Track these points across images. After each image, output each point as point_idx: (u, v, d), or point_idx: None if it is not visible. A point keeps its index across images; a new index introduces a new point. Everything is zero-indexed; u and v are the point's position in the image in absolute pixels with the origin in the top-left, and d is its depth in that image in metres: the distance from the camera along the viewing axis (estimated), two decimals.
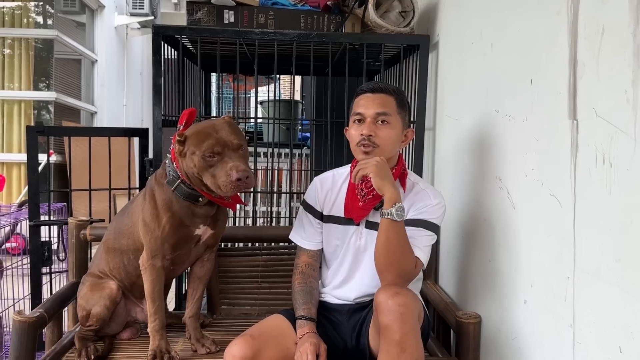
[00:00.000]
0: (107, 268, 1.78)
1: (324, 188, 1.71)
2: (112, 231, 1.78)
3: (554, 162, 1.33)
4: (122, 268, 1.75)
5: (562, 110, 1.29)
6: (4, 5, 5.68)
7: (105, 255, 1.78)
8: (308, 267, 1.71)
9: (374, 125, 1.54)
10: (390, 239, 1.45)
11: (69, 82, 6.34)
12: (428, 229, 1.56)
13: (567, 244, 1.27)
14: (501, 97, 1.64)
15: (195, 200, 1.61)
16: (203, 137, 1.50)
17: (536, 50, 1.42)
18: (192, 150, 1.51)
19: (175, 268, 1.75)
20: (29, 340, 1.59)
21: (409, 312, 1.33)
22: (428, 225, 1.56)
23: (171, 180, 1.61)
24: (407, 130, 1.62)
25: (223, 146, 1.50)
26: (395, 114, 1.57)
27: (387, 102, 1.57)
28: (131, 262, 1.72)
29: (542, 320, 1.38)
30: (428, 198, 1.58)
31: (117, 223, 1.77)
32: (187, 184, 1.59)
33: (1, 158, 5.61)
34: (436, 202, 1.58)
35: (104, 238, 1.82)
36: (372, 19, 2.27)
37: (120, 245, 1.74)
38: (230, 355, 1.45)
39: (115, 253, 1.75)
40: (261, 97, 6.69)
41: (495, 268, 1.66)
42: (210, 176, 1.50)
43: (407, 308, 1.33)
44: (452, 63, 2.12)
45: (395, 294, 1.35)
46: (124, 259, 1.74)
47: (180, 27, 2.25)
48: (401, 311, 1.32)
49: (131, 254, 1.71)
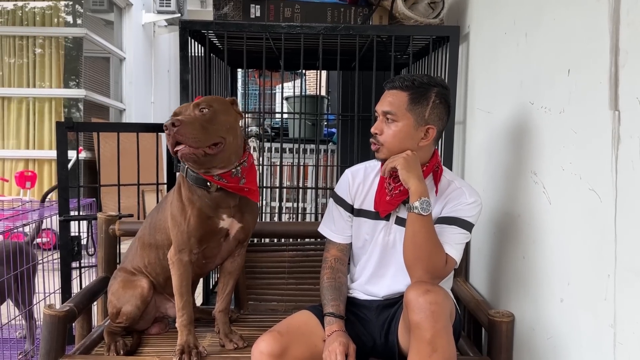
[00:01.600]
0: (142, 264, 1.78)
1: (356, 181, 1.68)
2: (147, 227, 1.78)
3: (593, 155, 1.27)
4: (158, 263, 1.75)
5: (602, 101, 1.23)
6: (35, 6, 5.80)
7: (140, 250, 1.79)
8: (337, 262, 1.68)
9: (383, 123, 1.52)
10: (416, 232, 1.43)
11: (98, 79, 6.45)
12: (462, 227, 1.52)
13: (607, 240, 1.21)
14: (536, 88, 1.58)
15: (204, 185, 1.60)
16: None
17: (574, 38, 1.37)
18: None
19: (207, 262, 1.74)
20: (59, 334, 1.60)
21: (440, 310, 1.30)
22: (462, 223, 1.52)
23: (182, 166, 1.62)
24: (426, 127, 1.51)
25: (187, 108, 1.54)
26: (405, 111, 1.50)
27: (397, 99, 1.51)
28: (167, 257, 1.72)
29: (580, 320, 1.33)
30: (464, 196, 1.54)
31: (152, 219, 1.78)
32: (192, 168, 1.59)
33: (33, 155, 5.74)
34: (472, 200, 1.54)
35: (138, 233, 1.83)
36: (401, 11, 2.23)
37: (155, 240, 1.74)
38: (258, 352, 1.44)
39: (150, 248, 1.76)
40: (286, 92, 6.69)
41: (530, 265, 1.61)
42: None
43: (438, 306, 1.29)
44: (484, 54, 2.06)
45: (426, 291, 1.31)
46: (159, 254, 1.74)
47: (207, 22, 2.25)
48: (432, 309, 1.28)
49: (166, 248, 1.71)
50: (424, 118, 1.51)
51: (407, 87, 1.51)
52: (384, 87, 1.58)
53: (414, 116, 1.50)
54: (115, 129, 2.59)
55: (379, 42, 2.30)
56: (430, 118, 1.51)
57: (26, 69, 5.77)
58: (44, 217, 2.68)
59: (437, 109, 1.52)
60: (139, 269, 1.79)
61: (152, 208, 1.86)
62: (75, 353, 1.67)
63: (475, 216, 1.55)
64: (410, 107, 1.50)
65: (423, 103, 1.50)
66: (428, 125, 1.51)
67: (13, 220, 2.58)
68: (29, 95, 5.75)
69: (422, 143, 1.52)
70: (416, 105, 1.50)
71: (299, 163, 2.81)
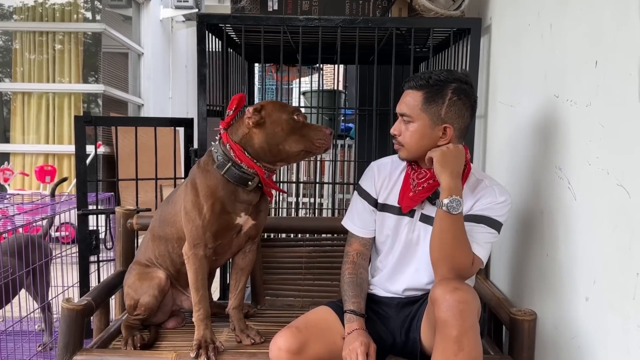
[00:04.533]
0: (153, 256, 1.79)
1: (382, 175, 1.64)
2: (158, 219, 1.79)
3: (621, 150, 1.23)
4: (167, 256, 1.76)
5: (632, 94, 1.18)
6: (54, 2, 5.86)
7: (151, 243, 1.79)
8: (359, 257, 1.64)
9: (401, 124, 1.52)
10: (444, 230, 1.40)
11: (116, 75, 6.50)
12: (490, 226, 1.48)
13: (636, 237, 1.17)
14: (562, 80, 1.53)
15: (244, 183, 1.60)
16: (281, 104, 1.62)
17: (602, 29, 1.32)
18: (276, 116, 1.57)
19: (217, 258, 1.74)
20: (77, 327, 1.60)
21: (468, 309, 1.27)
22: (491, 223, 1.48)
23: (221, 164, 1.59)
24: (443, 125, 1.47)
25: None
26: (419, 112, 1.48)
27: (413, 99, 1.49)
28: (175, 250, 1.72)
29: (607, 319, 1.29)
30: (494, 195, 1.50)
31: (162, 211, 1.78)
32: (237, 166, 1.58)
33: (52, 149, 5.80)
34: (502, 199, 1.50)
35: (150, 226, 1.84)
36: (421, 3, 2.19)
37: (164, 233, 1.74)
38: (276, 347, 1.43)
39: (160, 241, 1.76)
40: (303, 87, 6.67)
41: (554, 263, 1.57)
42: (300, 136, 1.57)
43: (467, 305, 1.27)
44: (506, 47, 2.02)
45: (454, 289, 1.29)
46: (168, 246, 1.74)
47: (225, 16, 2.23)
48: (461, 308, 1.26)
49: (175, 242, 1.71)
50: (440, 117, 1.47)
51: (421, 86, 1.48)
52: (402, 87, 1.56)
53: (430, 116, 1.47)
54: (133, 123, 2.60)
55: (398, 35, 2.26)
56: (447, 116, 1.47)
57: (46, 64, 5.83)
58: (58, 212, 2.70)
59: (455, 106, 1.47)
60: (151, 261, 1.79)
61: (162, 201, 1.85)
62: (92, 347, 1.68)
63: (505, 215, 1.51)
64: (424, 107, 1.47)
65: (438, 102, 1.47)
66: (445, 124, 1.47)
67: (32, 214, 2.60)
68: (49, 91, 5.82)
69: (440, 142, 1.49)
70: (431, 105, 1.47)
71: (316, 158, 2.79)
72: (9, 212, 2.55)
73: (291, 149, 1.58)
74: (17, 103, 5.84)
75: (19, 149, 5.81)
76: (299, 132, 1.58)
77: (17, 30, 5.86)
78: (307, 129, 1.59)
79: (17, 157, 5.80)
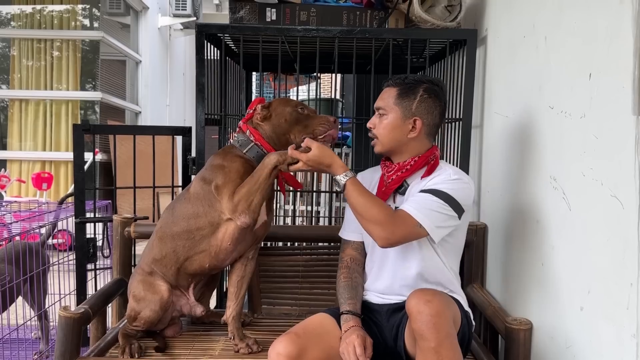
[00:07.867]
0: (159, 256, 1.74)
1: (365, 180, 1.71)
2: (169, 217, 1.75)
3: (615, 161, 1.24)
4: (172, 254, 1.72)
5: (625, 106, 1.20)
6: (52, 9, 5.87)
7: (157, 243, 1.75)
8: (353, 262, 1.70)
9: (377, 118, 1.64)
10: (351, 202, 1.52)
11: (114, 82, 6.50)
12: (436, 195, 1.49)
13: (630, 248, 1.18)
14: (556, 92, 1.55)
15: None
16: (286, 99, 1.81)
17: (596, 42, 1.34)
18: (281, 109, 1.72)
19: (224, 257, 1.72)
20: (74, 335, 1.61)
21: (441, 321, 1.31)
22: (437, 193, 1.50)
23: (244, 142, 1.71)
24: (413, 119, 1.58)
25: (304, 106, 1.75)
26: (393, 105, 1.60)
27: (387, 94, 1.63)
28: (183, 243, 1.70)
29: (601, 329, 1.30)
30: (447, 174, 1.55)
31: (174, 210, 1.75)
32: (260, 146, 1.70)
33: (49, 156, 5.80)
34: (455, 177, 1.54)
35: (156, 228, 1.78)
36: (417, 14, 2.21)
37: (179, 228, 1.71)
38: (275, 353, 1.44)
39: (168, 239, 1.72)
40: (301, 96, 6.69)
41: (549, 272, 1.58)
42: (303, 126, 1.70)
43: (439, 318, 1.31)
44: (502, 58, 2.04)
45: (426, 301, 1.32)
46: (175, 242, 1.71)
47: (223, 25, 2.25)
48: (434, 321, 1.30)
49: (184, 238, 1.69)
50: (411, 111, 1.59)
51: (397, 83, 1.63)
52: (382, 86, 1.68)
53: (402, 109, 1.59)
54: (131, 131, 2.60)
55: (395, 45, 2.28)
56: (418, 111, 1.59)
57: (43, 71, 5.84)
58: (58, 220, 2.70)
59: (425, 103, 1.60)
60: (155, 263, 1.75)
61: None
62: (90, 355, 1.68)
63: (457, 191, 1.51)
64: (397, 100, 1.60)
65: (410, 97, 1.60)
66: (415, 117, 1.58)
67: (29, 221, 2.60)
68: (46, 98, 5.82)
69: (410, 135, 1.59)
70: (404, 99, 1.60)
71: None
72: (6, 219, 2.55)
73: (296, 137, 1.69)
74: (14, 110, 5.84)
75: (16, 156, 5.80)
76: (303, 123, 1.71)
77: (15, 37, 5.87)
78: (312, 119, 1.72)
79: (14, 164, 5.79)
